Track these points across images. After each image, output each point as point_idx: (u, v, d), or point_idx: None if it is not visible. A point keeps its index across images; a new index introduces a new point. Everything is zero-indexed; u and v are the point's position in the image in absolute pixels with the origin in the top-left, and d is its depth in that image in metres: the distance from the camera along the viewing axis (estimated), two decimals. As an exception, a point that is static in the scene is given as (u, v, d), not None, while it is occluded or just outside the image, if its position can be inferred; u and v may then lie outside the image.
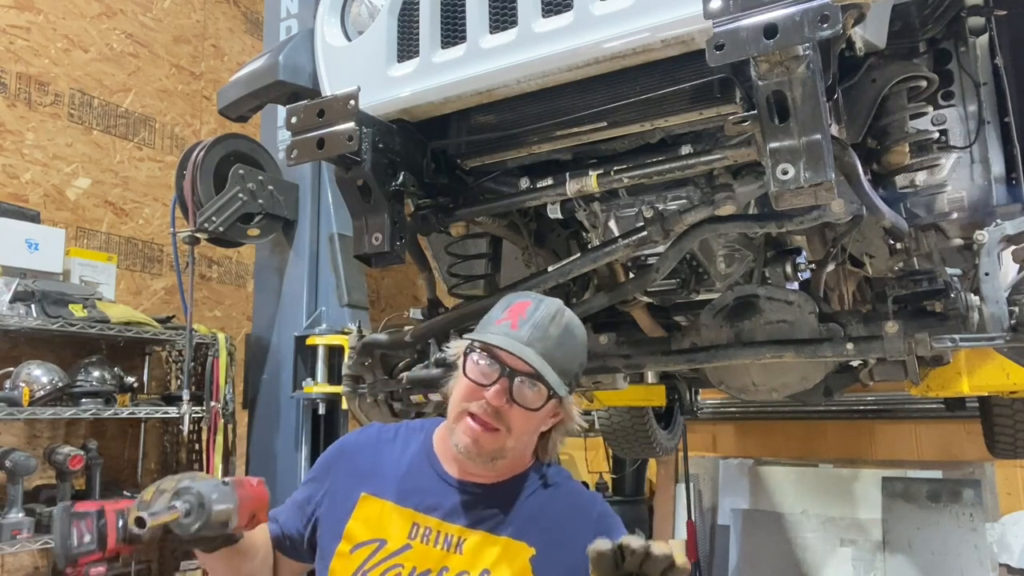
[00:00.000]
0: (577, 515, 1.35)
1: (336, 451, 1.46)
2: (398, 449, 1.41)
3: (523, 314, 1.29)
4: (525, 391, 1.25)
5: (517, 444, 1.29)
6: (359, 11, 1.96)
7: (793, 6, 1.24)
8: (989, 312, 1.69)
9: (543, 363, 1.24)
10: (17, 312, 3.10)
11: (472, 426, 1.26)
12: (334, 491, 1.38)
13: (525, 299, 1.32)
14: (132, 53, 4.24)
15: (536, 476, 1.37)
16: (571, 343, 1.31)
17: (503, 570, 1.27)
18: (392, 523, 1.31)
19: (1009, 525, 4.84)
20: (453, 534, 1.29)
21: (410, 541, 1.29)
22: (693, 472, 5.77)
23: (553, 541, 1.30)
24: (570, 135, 1.76)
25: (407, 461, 1.38)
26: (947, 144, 1.88)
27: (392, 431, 1.45)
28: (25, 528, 2.99)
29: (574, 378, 1.32)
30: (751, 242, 2.15)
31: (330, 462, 1.44)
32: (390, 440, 1.43)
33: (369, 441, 1.44)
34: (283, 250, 3.86)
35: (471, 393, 1.27)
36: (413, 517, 1.31)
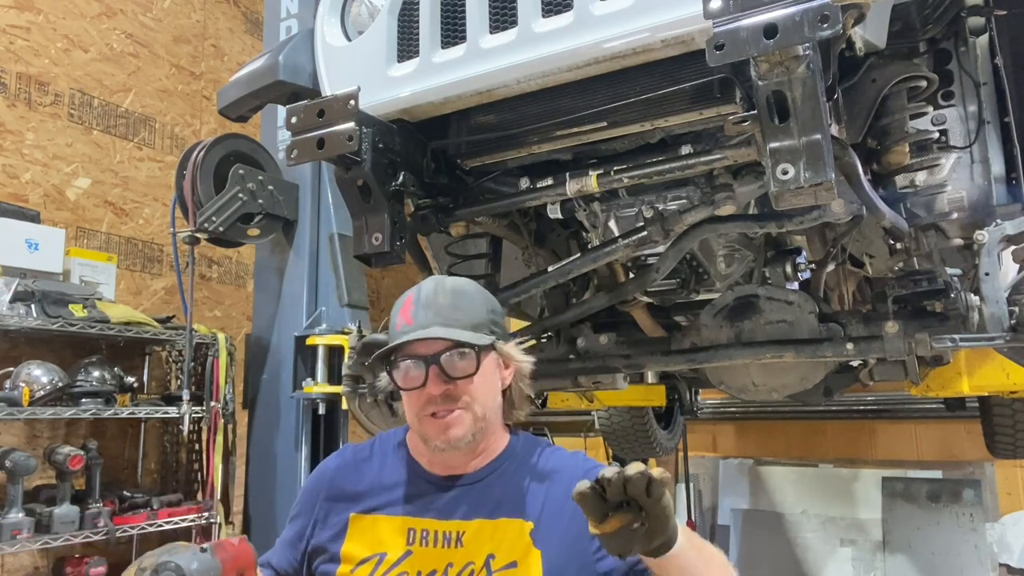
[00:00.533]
0: (567, 479, 1.31)
1: (316, 481, 1.44)
2: (376, 464, 1.40)
3: (410, 306, 1.31)
4: (455, 363, 1.26)
5: (485, 410, 1.30)
6: (359, 11, 1.96)
7: (793, 6, 1.24)
8: (989, 312, 1.69)
9: (448, 330, 1.26)
10: (17, 312, 3.10)
11: (437, 422, 1.27)
12: (323, 520, 1.37)
13: (408, 293, 1.34)
14: (132, 53, 4.24)
15: (517, 452, 1.38)
16: (466, 299, 1.33)
17: (506, 551, 1.27)
18: (388, 535, 1.31)
19: (1009, 525, 4.84)
20: (451, 530, 1.29)
21: (410, 547, 1.29)
22: (693, 472, 5.77)
23: (548, 510, 1.30)
24: (570, 135, 1.76)
25: (388, 473, 1.38)
26: (947, 144, 1.88)
27: (367, 449, 1.45)
28: (25, 528, 2.99)
29: (491, 324, 1.33)
30: (751, 242, 2.15)
31: (313, 493, 1.42)
32: (367, 458, 1.42)
33: (347, 464, 1.43)
34: (283, 250, 3.85)
35: (417, 399, 1.28)
36: (407, 523, 1.31)
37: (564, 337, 2.26)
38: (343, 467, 1.43)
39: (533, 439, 1.44)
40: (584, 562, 1.26)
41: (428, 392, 1.27)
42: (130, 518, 3.43)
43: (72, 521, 3.14)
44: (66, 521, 3.12)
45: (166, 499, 3.63)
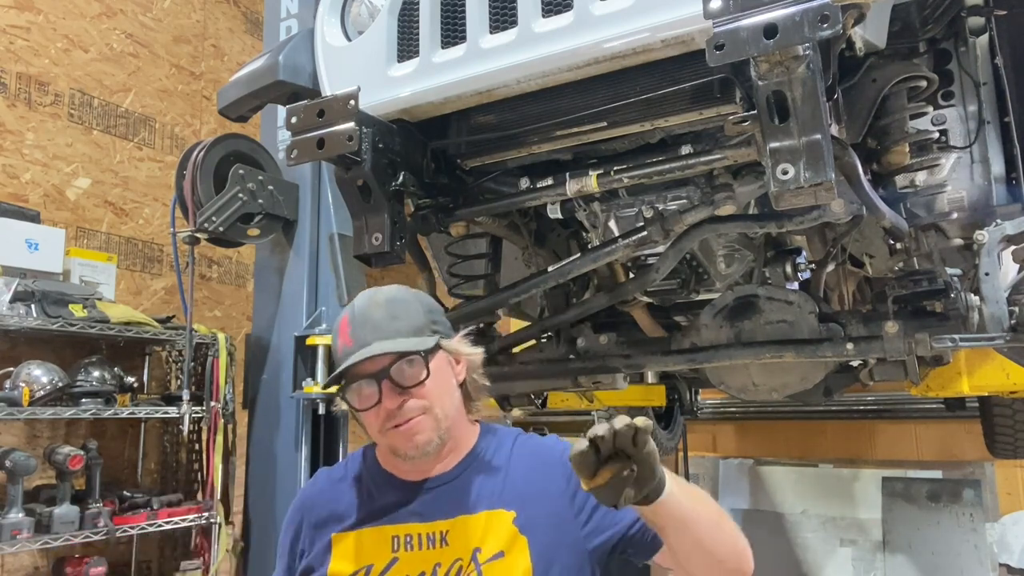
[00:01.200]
0: (542, 463, 1.35)
1: (295, 512, 1.43)
2: (351, 483, 1.40)
3: (347, 327, 1.31)
4: (404, 373, 1.26)
5: (445, 410, 1.30)
6: (359, 11, 1.96)
7: (793, 6, 1.24)
8: (989, 312, 1.69)
9: (388, 343, 1.26)
10: (17, 312, 3.10)
11: (401, 432, 1.27)
12: (308, 549, 1.37)
13: (342, 314, 1.34)
14: (132, 53, 4.24)
15: (489, 444, 1.39)
16: (401, 307, 1.32)
17: (492, 542, 1.27)
18: (372, 546, 1.30)
19: (1009, 525, 4.84)
20: (434, 531, 1.29)
21: (395, 554, 1.29)
22: (693, 472, 5.77)
23: (529, 496, 1.31)
24: (570, 135, 1.76)
25: (365, 489, 1.38)
26: (947, 144, 1.88)
27: (340, 469, 1.45)
28: (25, 528, 2.99)
29: (431, 325, 1.33)
30: (751, 242, 2.15)
31: (295, 525, 1.41)
32: (340, 479, 1.42)
33: (321, 489, 1.44)
34: (283, 250, 3.85)
35: (376, 416, 1.28)
36: (390, 532, 1.31)
37: (564, 337, 2.26)
38: (318, 493, 1.43)
39: (507, 430, 1.45)
40: (573, 542, 1.27)
41: (385, 407, 1.26)
42: (130, 518, 3.43)
43: (72, 521, 3.14)
44: (66, 521, 3.12)
45: (166, 499, 3.63)
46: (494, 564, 1.25)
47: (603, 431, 1.02)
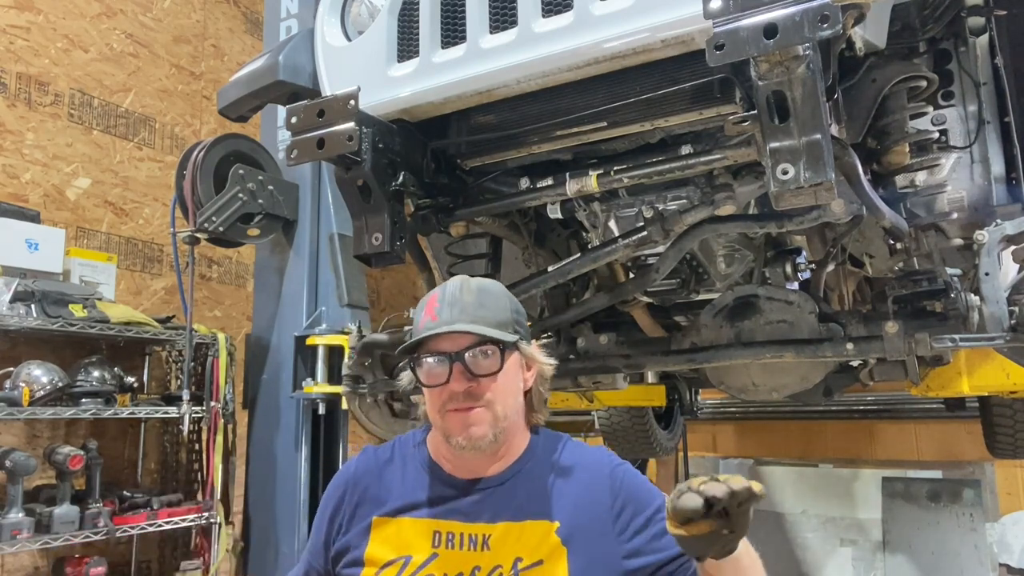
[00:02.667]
0: (590, 476, 1.35)
1: (341, 483, 1.42)
2: (398, 468, 1.39)
3: (435, 304, 1.30)
4: (479, 362, 1.26)
5: (506, 410, 1.29)
6: (359, 11, 1.96)
7: (793, 6, 1.24)
8: (989, 312, 1.69)
9: (473, 326, 1.26)
10: (17, 312, 3.10)
11: (459, 417, 1.27)
12: (347, 523, 1.36)
13: (433, 292, 1.34)
14: (132, 53, 4.24)
15: (538, 451, 1.38)
16: (491, 298, 1.32)
17: (534, 552, 1.26)
18: (413, 537, 1.30)
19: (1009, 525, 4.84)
20: (477, 533, 1.28)
21: (435, 550, 1.28)
22: (693, 472, 5.77)
23: (574, 508, 1.30)
24: (570, 135, 1.76)
25: (411, 476, 1.37)
26: (947, 144, 1.88)
27: (388, 451, 1.44)
28: (25, 528, 2.99)
29: (515, 324, 1.33)
30: (751, 242, 2.15)
31: (336, 498, 1.40)
32: (388, 461, 1.41)
33: (370, 467, 1.42)
34: (283, 250, 3.86)
35: (439, 395, 1.28)
36: (433, 526, 1.30)
37: (564, 337, 2.26)
38: (366, 470, 1.41)
39: (554, 435, 1.43)
40: (611, 559, 1.27)
41: (451, 388, 1.26)
42: (130, 518, 3.43)
43: (72, 521, 3.14)
44: (66, 521, 3.12)
45: (166, 499, 3.63)
46: (532, 572, 1.25)
47: (721, 493, 1.01)
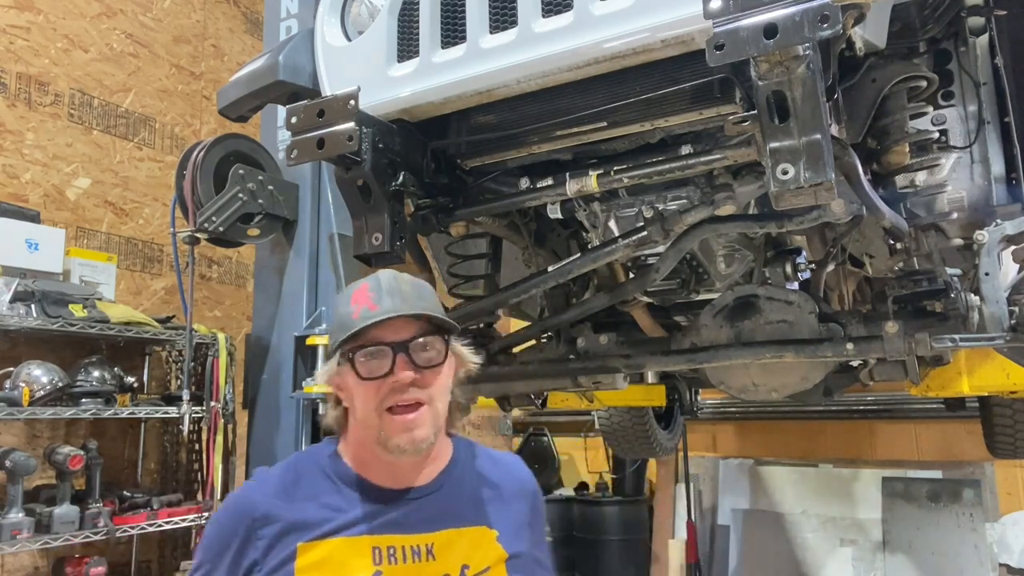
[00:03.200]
0: (516, 486, 1.38)
1: (239, 517, 1.23)
2: (311, 487, 1.25)
3: (369, 293, 1.23)
4: (424, 353, 1.21)
5: (442, 409, 1.26)
6: (359, 11, 1.96)
7: (793, 6, 1.24)
8: (989, 312, 1.69)
9: (425, 313, 1.22)
10: (17, 312, 3.10)
11: (401, 419, 1.19)
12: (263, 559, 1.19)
13: (360, 283, 1.26)
14: (132, 53, 4.24)
15: (461, 458, 1.36)
16: (427, 291, 1.29)
17: (481, 560, 1.25)
18: (350, 557, 1.19)
19: (1009, 525, 4.84)
20: (420, 544, 1.23)
21: (378, 567, 1.19)
22: (693, 472, 5.77)
23: (505, 514, 1.32)
24: (570, 135, 1.76)
25: (332, 493, 1.24)
26: (947, 144, 1.88)
27: (290, 471, 1.28)
28: (25, 528, 2.99)
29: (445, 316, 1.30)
30: (751, 242, 2.15)
31: (242, 532, 1.21)
32: (294, 482, 1.26)
33: (274, 492, 1.25)
34: (283, 250, 3.85)
35: (376, 390, 1.20)
36: (371, 542, 1.20)
37: (564, 337, 2.26)
38: (270, 499, 1.23)
39: (466, 441, 1.41)
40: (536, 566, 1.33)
41: (394, 380, 1.19)
42: (130, 518, 3.43)
43: (72, 521, 3.14)
44: (66, 521, 3.12)
45: (166, 499, 3.63)
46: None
47: None
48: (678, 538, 5.65)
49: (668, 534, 5.82)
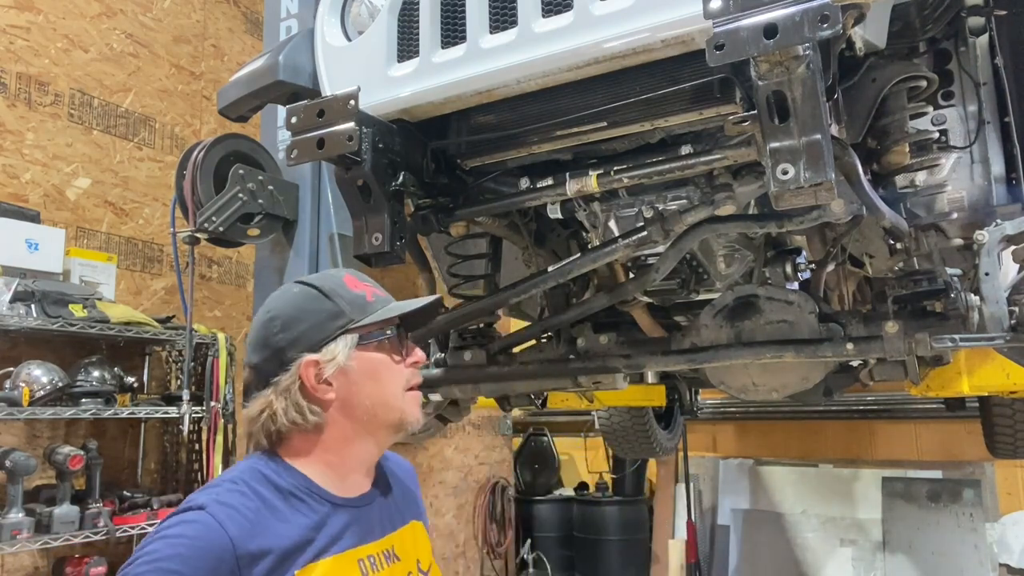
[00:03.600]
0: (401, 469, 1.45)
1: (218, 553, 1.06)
2: (279, 511, 1.16)
3: (359, 283, 1.29)
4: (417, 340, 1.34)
5: None
6: (359, 11, 1.96)
7: (793, 6, 1.24)
8: (989, 312, 1.69)
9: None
10: (17, 312, 3.10)
11: (416, 395, 1.28)
12: None
13: (337, 276, 1.31)
14: (132, 53, 4.24)
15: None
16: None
17: (424, 553, 1.33)
18: (344, 574, 1.17)
19: (1009, 525, 4.84)
20: (387, 547, 1.26)
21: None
22: (693, 472, 5.78)
23: (420, 509, 1.41)
24: (570, 135, 1.76)
25: (300, 514, 1.17)
26: (947, 144, 1.88)
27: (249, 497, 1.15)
28: (25, 528, 2.99)
29: None
30: (751, 242, 2.15)
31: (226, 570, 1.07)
32: (259, 508, 1.14)
33: (247, 521, 1.11)
34: (283, 250, 3.85)
35: (400, 373, 1.26)
36: (355, 555, 1.19)
37: (564, 337, 2.26)
38: (249, 527, 1.11)
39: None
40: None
41: (414, 359, 1.28)
42: (130, 518, 3.43)
43: (72, 521, 3.14)
44: (66, 521, 3.12)
45: (166, 499, 3.63)
46: (431, 572, 1.32)
47: None
48: (678, 538, 5.66)
49: (668, 534, 5.83)
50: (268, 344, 1.22)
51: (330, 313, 1.22)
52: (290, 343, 1.21)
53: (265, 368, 1.22)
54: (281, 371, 1.20)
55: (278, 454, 1.22)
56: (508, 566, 6.05)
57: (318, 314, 1.22)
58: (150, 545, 1.07)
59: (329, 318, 1.22)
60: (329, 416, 1.21)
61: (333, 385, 1.21)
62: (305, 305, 1.24)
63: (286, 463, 1.21)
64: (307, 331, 1.21)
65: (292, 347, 1.20)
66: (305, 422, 1.19)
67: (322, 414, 1.21)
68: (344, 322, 1.22)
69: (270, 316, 1.24)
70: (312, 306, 1.23)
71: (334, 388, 1.21)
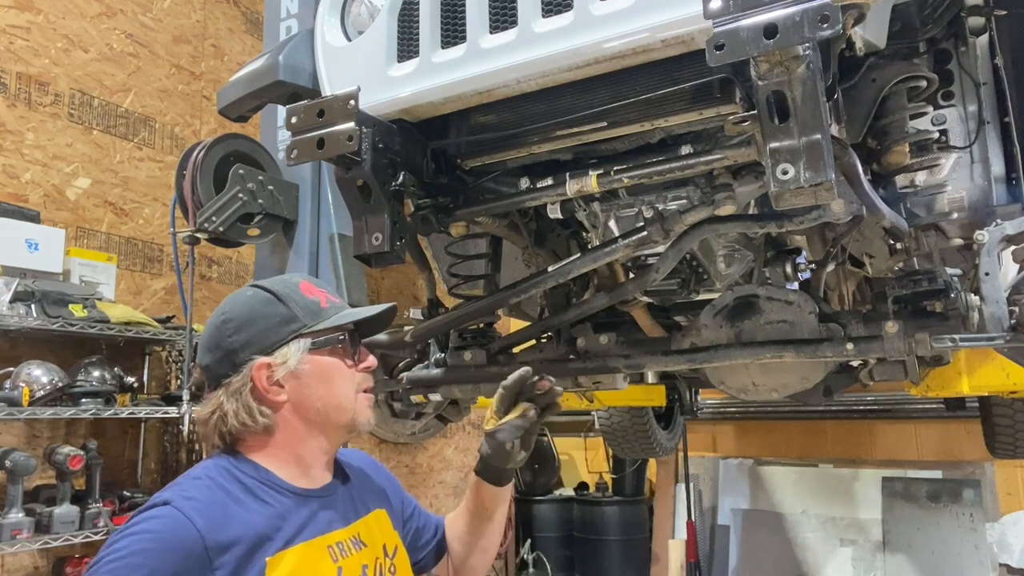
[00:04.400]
0: (359, 460, 1.50)
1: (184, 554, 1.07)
2: (243, 503, 1.18)
3: (320, 287, 1.34)
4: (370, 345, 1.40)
5: None
6: (359, 11, 1.96)
7: (793, 6, 1.24)
8: (989, 312, 1.69)
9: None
10: (17, 312, 3.10)
11: (369, 398, 1.33)
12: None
13: (292, 282, 1.34)
14: (132, 53, 4.24)
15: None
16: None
17: (390, 540, 1.37)
18: (316, 562, 1.19)
19: (1009, 525, 4.84)
20: (354, 535, 1.29)
21: (338, 564, 1.22)
22: (693, 472, 5.77)
23: (383, 497, 1.44)
24: (570, 135, 1.76)
25: (268, 505, 1.19)
26: (947, 144, 1.88)
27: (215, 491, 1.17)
28: (25, 528, 2.99)
29: None
30: (751, 242, 2.15)
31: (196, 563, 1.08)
32: (223, 501, 1.16)
33: (215, 513, 1.13)
34: (283, 250, 3.85)
35: (352, 377, 1.30)
36: (325, 542, 1.22)
37: (564, 337, 2.26)
38: (216, 519, 1.12)
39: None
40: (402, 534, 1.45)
41: (366, 364, 1.33)
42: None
43: (72, 521, 3.14)
44: (66, 521, 3.12)
45: (166, 499, 3.62)
46: (398, 558, 1.36)
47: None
48: (678, 538, 5.65)
49: (668, 534, 5.82)
50: (221, 345, 1.24)
51: (284, 317, 1.25)
52: (243, 345, 1.23)
53: (217, 369, 1.25)
54: (233, 373, 1.23)
55: (239, 451, 1.25)
56: (508, 566, 6.05)
57: (272, 318, 1.25)
58: (117, 543, 1.08)
59: (282, 322, 1.24)
60: (280, 417, 1.24)
61: (285, 387, 1.23)
62: (259, 309, 1.26)
63: (248, 459, 1.24)
64: (260, 334, 1.23)
65: (245, 349, 1.23)
66: (255, 423, 1.22)
67: (272, 416, 1.23)
68: (297, 327, 1.24)
69: (224, 318, 1.26)
70: (266, 310, 1.25)
71: (286, 390, 1.24)
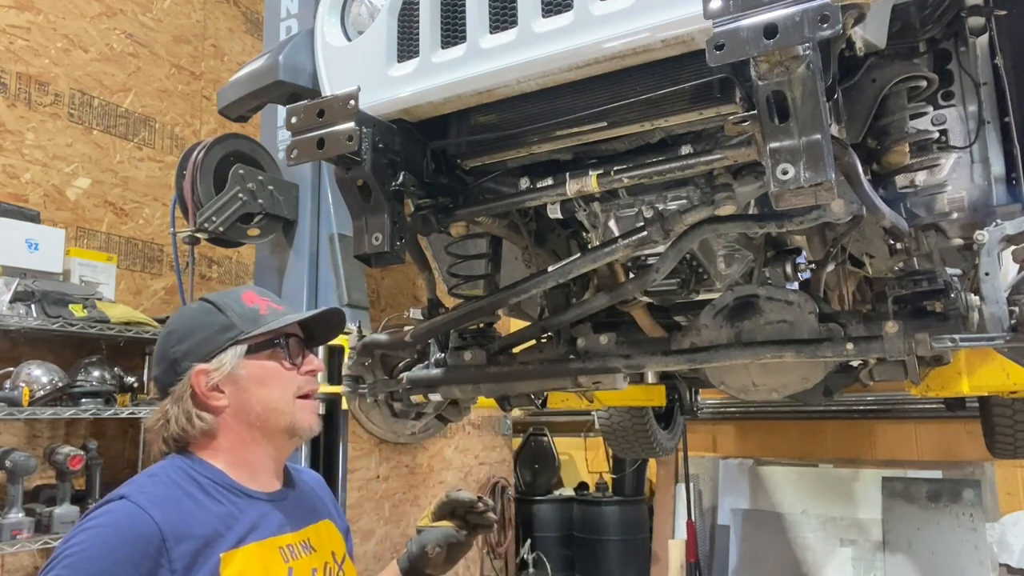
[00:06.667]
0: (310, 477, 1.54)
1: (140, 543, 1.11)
2: (198, 501, 1.22)
3: (262, 296, 1.39)
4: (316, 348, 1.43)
5: None
6: (359, 11, 1.96)
7: (793, 6, 1.24)
8: (989, 312, 1.69)
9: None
10: (17, 312, 3.10)
11: (312, 403, 1.36)
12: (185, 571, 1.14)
13: (237, 293, 1.39)
14: (132, 53, 4.24)
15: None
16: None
17: (338, 548, 1.42)
18: (268, 560, 1.23)
19: (1009, 525, 4.84)
20: (304, 539, 1.34)
21: (288, 565, 1.26)
22: (693, 472, 5.78)
23: (330, 510, 1.49)
24: (570, 135, 1.76)
25: (222, 505, 1.23)
26: (947, 144, 1.88)
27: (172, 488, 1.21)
28: (25, 528, 2.99)
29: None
30: (751, 242, 2.15)
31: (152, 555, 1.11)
32: (179, 498, 1.20)
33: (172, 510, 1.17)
34: (283, 250, 3.85)
35: (293, 379, 1.34)
36: (276, 544, 1.27)
37: (564, 337, 2.26)
38: (172, 512, 1.17)
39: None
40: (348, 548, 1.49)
41: (309, 368, 1.36)
42: (130, 518, 3.43)
43: (72, 521, 3.14)
44: (66, 521, 3.12)
45: (166, 499, 3.63)
46: (346, 566, 1.42)
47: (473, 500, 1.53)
48: (678, 538, 5.66)
49: (668, 534, 5.83)
50: (166, 356, 1.33)
51: (222, 326, 1.32)
52: (184, 354, 1.31)
53: (163, 379, 1.33)
54: (176, 380, 1.30)
55: (193, 452, 1.30)
56: (508, 566, 6.05)
57: (211, 327, 1.32)
58: (73, 539, 1.12)
59: (221, 330, 1.31)
60: (223, 421, 1.30)
61: (225, 392, 1.30)
62: (200, 319, 1.34)
63: (201, 459, 1.29)
64: (200, 342, 1.31)
65: (186, 357, 1.30)
66: (193, 428, 1.27)
67: (212, 420, 1.29)
68: (234, 334, 1.31)
69: (168, 330, 1.36)
70: (206, 320, 1.33)
71: (226, 395, 1.30)
